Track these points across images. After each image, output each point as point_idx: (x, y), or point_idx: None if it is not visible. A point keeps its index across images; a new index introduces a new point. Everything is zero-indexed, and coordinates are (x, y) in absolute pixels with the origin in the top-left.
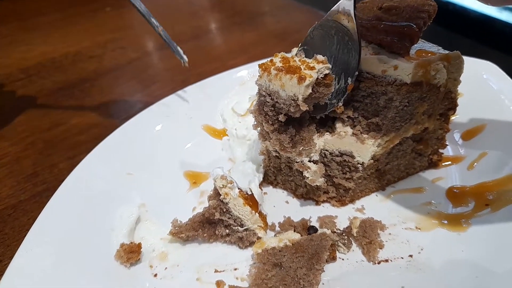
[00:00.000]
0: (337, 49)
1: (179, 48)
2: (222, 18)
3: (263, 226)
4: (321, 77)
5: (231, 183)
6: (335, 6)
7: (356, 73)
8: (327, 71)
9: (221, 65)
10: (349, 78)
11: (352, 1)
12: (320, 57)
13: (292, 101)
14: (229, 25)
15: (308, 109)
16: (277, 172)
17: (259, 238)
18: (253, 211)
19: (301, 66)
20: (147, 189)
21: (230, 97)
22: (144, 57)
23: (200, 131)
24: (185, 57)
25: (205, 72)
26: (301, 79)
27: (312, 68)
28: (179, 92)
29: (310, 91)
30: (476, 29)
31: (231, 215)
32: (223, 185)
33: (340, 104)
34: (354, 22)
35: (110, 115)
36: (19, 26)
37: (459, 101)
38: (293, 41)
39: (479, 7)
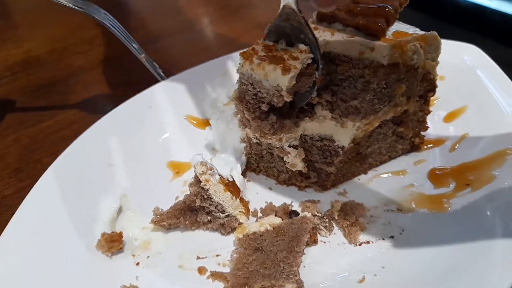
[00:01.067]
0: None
1: (160, 71)
2: (209, 11)
3: (244, 212)
4: (304, 67)
5: (211, 169)
6: (280, 7)
7: (321, 66)
8: (309, 61)
9: (208, 57)
10: (315, 72)
11: (294, 3)
12: (302, 46)
13: (276, 91)
14: (217, 18)
15: (291, 99)
16: (259, 159)
17: (240, 224)
18: (234, 197)
19: (284, 56)
20: (129, 180)
21: (212, 87)
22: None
23: (183, 121)
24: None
25: (192, 64)
26: (286, 70)
27: (296, 58)
28: (162, 82)
29: (294, 82)
30: (466, 18)
31: (212, 202)
32: (203, 171)
33: (313, 95)
34: (302, 21)
35: (94, 110)
36: (4, 24)
37: (440, 84)
38: None
39: None
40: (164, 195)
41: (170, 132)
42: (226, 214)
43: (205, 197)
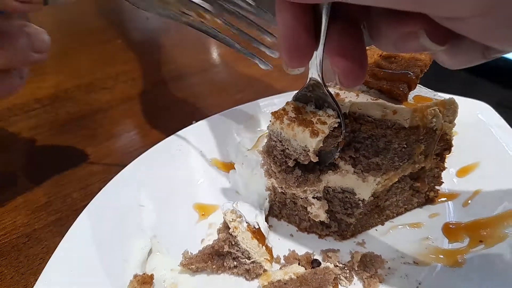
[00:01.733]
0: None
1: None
2: (227, 52)
3: (269, 259)
4: (331, 131)
5: (239, 217)
6: (307, 79)
7: (344, 131)
8: (336, 125)
9: (228, 98)
10: (340, 135)
11: (320, 78)
12: (330, 111)
13: (303, 151)
14: (235, 59)
15: (317, 159)
16: (282, 207)
17: (265, 270)
18: (260, 245)
19: (313, 119)
20: (158, 221)
21: (237, 132)
22: (155, 89)
23: (209, 165)
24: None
25: (212, 105)
26: (314, 133)
27: (324, 123)
28: (190, 127)
29: (321, 144)
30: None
31: (239, 248)
32: (232, 219)
33: (336, 156)
34: (327, 93)
35: (122, 145)
36: None
37: (454, 139)
38: (295, 77)
39: None
40: (191, 237)
41: (196, 174)
42: (252, 260)
43: (233, 243)
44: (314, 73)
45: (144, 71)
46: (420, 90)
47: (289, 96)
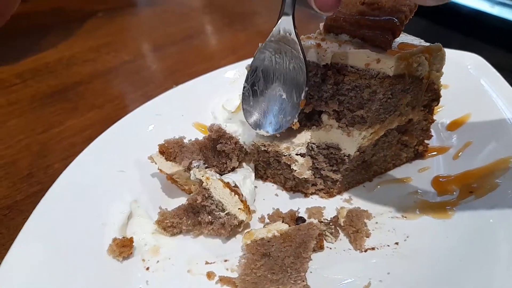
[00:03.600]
0: (285, 67)
1: None
2: (212, 19)
3: (243, 208)
4: None
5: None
6: (276, 26)
7: (306, 88)
8: None
9: (212, 65)
10: (300, 94)
11: (291, 21)
12: None
13: None
14: (220, 26)
15: None
16: (267, 166)
17: (240, 222)
18: (233, 193)
19: None
20: (139, 186)
21: (220, 95)
22: (137, 60)
23: (191, 129)
24: None
25: (196, 72)
26: None
27: None
28: (170, 91)
29: None
30: (467, 24)
31: (213, 200)
32: (202, 175)
33: (295, 120)
34: (297, 41)
35: (104, 116)
36: (12, 32)
37: (444, 92)
38: None
39: (470, 2)
40: (173, 202)
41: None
42: (226, 212)
43: (206, 196)
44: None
45: (127, 43)
46: (405, 38)
47: None
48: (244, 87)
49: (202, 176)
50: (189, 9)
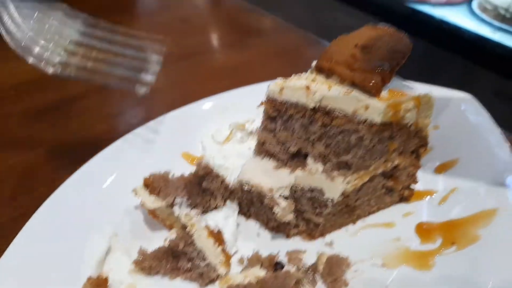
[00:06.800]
0: None
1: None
2: (212, 38)
3: (224, 262)
4: None
5: (197, 217)
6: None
7: None
8: None
9: (211, 86)
10: None
11: None
12: None
13: None
14: (219, 46)
15: None
16: (250, 204)
17: (218, 276)
18: (217, 244)
19: None
20: (121, 218)
21: (210, 124)
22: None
23: (179, 158)
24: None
25: (191, 93)
26: None
27: None
28: (160, 118)
29: None
30: (468, 48)
31: (195, 248)
32: (189, 219)
33: None
34: None
35: (95, 136)
36: None
37: (434, 133)
38: (281, 62)
39: (473, 27)
40: (154, 237)
41: (164, 169)
42: (206, 262)
43: (189, 242)
44: None
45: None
46: (397, 83)
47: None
48: None
49: (188, 221)
50: (190, 26)
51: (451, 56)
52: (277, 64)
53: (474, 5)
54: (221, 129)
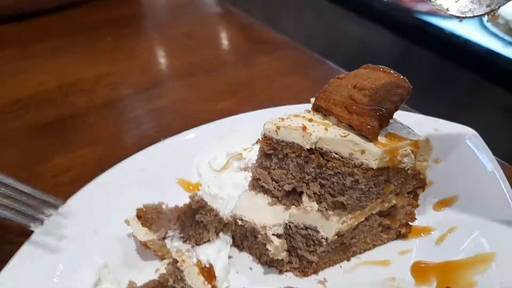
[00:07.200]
0: None
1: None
2: (218, 55)
3: None
4: None
5: (188, 252)
6: None
7: None
8: None
9: (210, 107)
10: None
11: None
12: None
13: None
14: (222, 64)
15: None
16: (244, 238)
17: None
18: (206, 282)
19: None
20: (112, 249)
21: (207, 151)
22: (135, 95)
23: (175, 185)
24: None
25: (192, 113)
26: None
27: None
28: (157, 144)
29: None
30: (478, 62)
31: (185, 284)
32: (180, 254)
33: None
34: None
35: (94, 156)
36: (17, 53)
37: (435, 168)
38: (283, 84)
39: (484, 41)
40: (145, 267)
41: (160, 197)
42: None
43: (179, 278)
44: None
45: (127, 74)
46: (395, 126)
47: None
48: None
49: (179, 257)
50: (196, 41)
51: (461, 69)
52: (283, 83)
53: (485, 19)
54: (217, 156)
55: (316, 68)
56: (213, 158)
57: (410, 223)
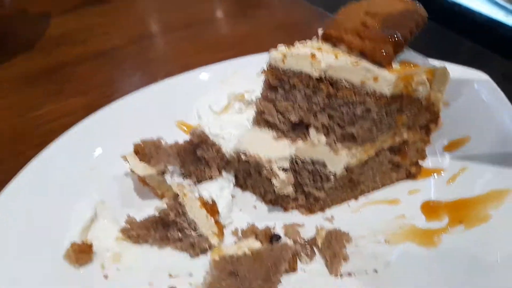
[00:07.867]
0: None
1: None
2: (216, 7)
3: (217, 233)
4: None
5: (189, 187)
6: None
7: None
8: None
9: (209, 57)
10: None
11: None
12: None
13: None
14: (223, 16)
15: None
16: (247, 176)
17: (211, 245)
18: (209, 215)
19: None
20: (109, 186)
21: (208, 93)
22: (130, 45)
23: (173, 127)
24: None
25: (191, 63)
26: None
27: None
28: (154, 85)
29: None
30: (479, 32)
31: (186, 218)
32: (180, 190)
33: None
34: None
35: (87, 103)
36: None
37: (444, 110)
38: (286, 35)
39: (485, 10)
40: (144, 205)
41: (158, 137)
42: (198, 233)
43: (180, 212)
44: None
45: (122, 25)
46: (409, 54)
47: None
48: None
49: (180, 191)
50: None
51: (462, 38)
52: (282, 37)
53: None
54: (218, 99)
55: (319, 22)
56: (213, 101)
57: (420, 162)
